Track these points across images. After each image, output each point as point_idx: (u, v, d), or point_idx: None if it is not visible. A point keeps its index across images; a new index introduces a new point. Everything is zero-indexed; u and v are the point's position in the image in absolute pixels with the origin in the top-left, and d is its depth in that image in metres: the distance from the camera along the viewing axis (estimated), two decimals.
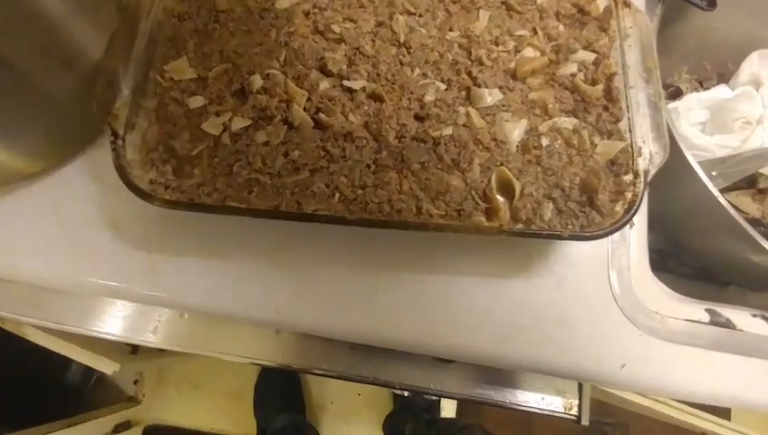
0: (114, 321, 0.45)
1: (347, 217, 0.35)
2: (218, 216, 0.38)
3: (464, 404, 1.20)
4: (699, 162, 0.46)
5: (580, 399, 0.43)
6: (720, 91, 0.67)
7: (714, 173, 0.56)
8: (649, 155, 0.37)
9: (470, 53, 0.41)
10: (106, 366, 0.67)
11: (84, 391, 1.12)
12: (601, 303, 0.41)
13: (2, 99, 0.36)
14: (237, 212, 0.35)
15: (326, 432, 1.17)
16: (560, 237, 0.35)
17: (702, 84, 0.74)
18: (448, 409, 1.17)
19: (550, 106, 0.40)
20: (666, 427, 1.03)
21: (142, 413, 1.20)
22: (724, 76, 0.71)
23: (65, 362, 0.99)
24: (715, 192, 0.44)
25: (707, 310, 0.43)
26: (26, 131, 0.40)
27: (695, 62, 0.73)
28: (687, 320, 0.42)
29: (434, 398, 1.13)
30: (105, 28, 0.41)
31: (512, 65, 0.41)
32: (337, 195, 0.37)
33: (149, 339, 0.44)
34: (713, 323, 0.42)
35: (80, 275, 0.41)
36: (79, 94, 0.40)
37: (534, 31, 0.43)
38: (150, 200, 0.34)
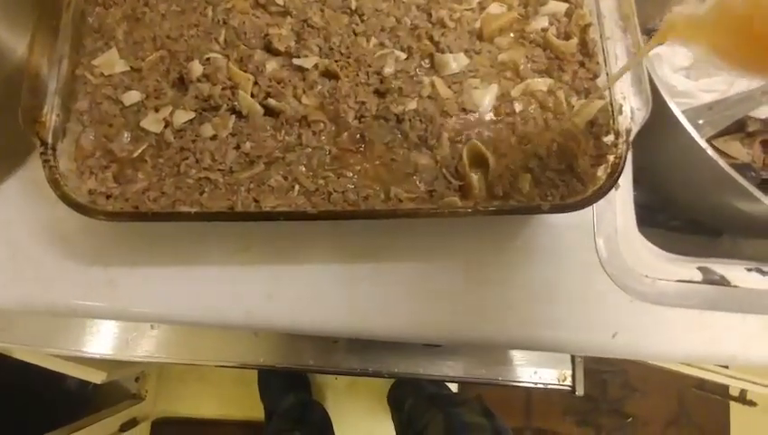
0: (86, 339, 0.42)
1: (308, 211, 0.32)
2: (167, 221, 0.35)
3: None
4: (685, 111, 0.43)
5: (573, 369, 0.42)
6: None
7: (700, 121, 0.53)
8: (631, 112, 0.34)
9: (430, 15, 0.37)
10: (92, 375, 0.65)
11: (86, 394, 1.12)
12: (589, 272, 0.39)
13: None
14: (188, 218, 0.32)
15: (332, 407, 1.18)
16: (540, 211, 0.32)
17: None
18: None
19: (521, 67, 0.36)
20: (664, 373, 1.05)
21: (148, 409, 1.21)
22: None
23: None
24: (703, 144, 0.41)
25: (699, 268, 0.41)
26: None
27: (676, 4, 0.69)
28: (679, 281, 0.41)
29: None
30: (22, 25, 0.36)
31: (477, 25, 0.37)
32: (297, 187, 0.34)
33: (125, 354, 0.42)
34: (706, 281, 0.41)
35: (34, 296, 0.38)
36: (3, 103, 0.36)
37: None
38: (91, 214, 0.31)
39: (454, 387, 1.18)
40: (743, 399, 0.78)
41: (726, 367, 0.82)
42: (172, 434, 1.24)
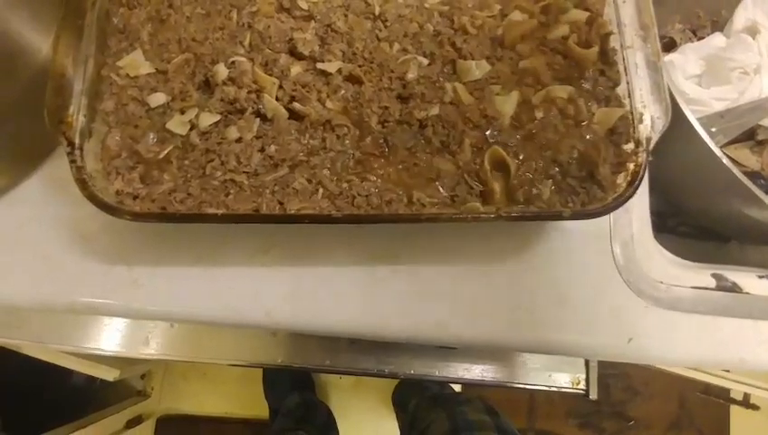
0: (104, 336, 0.43)
1: (333, 214, 0.33)
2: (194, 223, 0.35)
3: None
4: (698, 119, 0.43)
5: (587, 373, 0.43)
6: (715, 40, 0.64)
7: (713, 129, 0.54)
8: (651, 121, 0.35)
9: (452, 21, 0.38)
10: (105, 373, 0.66)
11: (92, 390, 1.13)
12: (605, 277, 0.39)
13: None
14: (215, 219, 0.33)
15: (336, 407, 1.18)
16: (561, 217, 0.32)
17: (696, 34, 0.70)
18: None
19: (542, 74, 0.37)
20: (666, 376, 1.06)
21: (153, 406, 1.21)
22: (718, 24, 0.68)
23: None
24: (718, 151, 0.42)
25: (713, 275, 0.42)
26: None
27: (687, 11, 0.69)
28: (693, 287, 0.41)
29: None
30: (47, 25, 0.37)
31: (499, 32, 0.38)
32: (321, 190, 0.34)
33: (142, 352, 0.42)
34: (719, 288, 0.41)
35: (57, 294, 0.38)
36: (29, 102, 0.37)
37: None
38: (118, 214, 0.32)
39: (457, 387, 1.19)
40: (746, 403, 0.79)
41: (728, 371, 0.82)
42: (176, 431, 1.24)
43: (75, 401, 1.09)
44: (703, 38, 0.67)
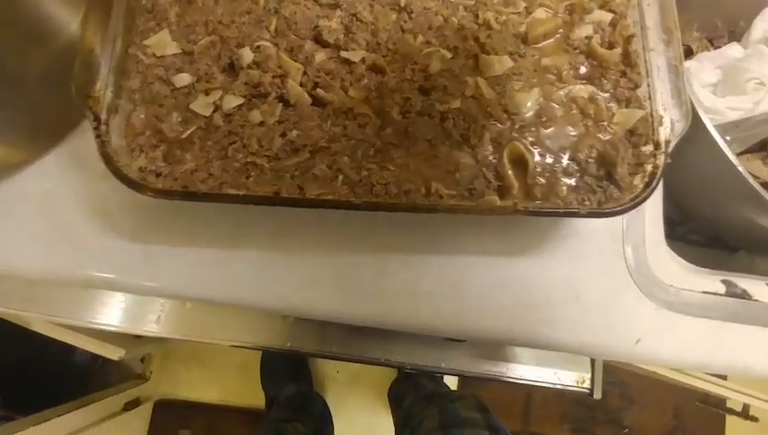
0: (115, 312, 0.43)
1: (353, 201, 0.33)
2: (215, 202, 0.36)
3: (466, 377, 1.22)
4: (714, 127, 0.43)
5: (592, 373, 0.43)
6: (732, 50, 0.64)
7: (728, 138, 0.54)
8: (671, 124, 0.35)
9: (477, 16, 0.38)
10: (111, 352, 0.66)
11: (92, 371, 1.13)
12: (616, 278, 0.40)
13: None
14: (236, 200, 0.33)
15: (332, 401, 1.19)
16: (578, 215, 0.33)
17: (712, 43, 0.70)
18: (450, 377, 1.19)
19: (564, 73, 0.37)
20: (662, 386, 1.06)
21: (151, 390, 1.22)
22: (735, 34, 0.68)
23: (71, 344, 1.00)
24: (734, 160, 0.42)
25: (723, 281, 0.42)
26: (2, 117, 0.37)
27: (705, 20, 0.70)
28: (703, 292, 0.41)
29: None
30: (76, 0, 0.37)
31: (522, 29, 0.38)
32: (340, 177, 0.34)
33: (152, 329, 0.42)
34: (729, 294, 0.41)
35: (73, 267, 0.39)
36: (55, 75, 0.37)
37: None
38: (142, 190, 0.32)
39: (453, 385, 1.19)
40: (745, 414, 0.79)
41: (725, 378, 0.82)
42: (173, 416, 1.25)
43: (75, 380, 1.10)
44: (719, 47, 0.67)
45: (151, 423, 1.23)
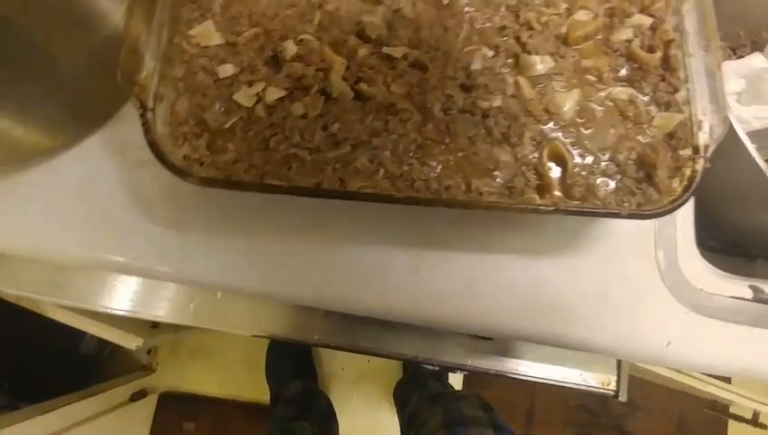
0: (148, 300, 0.43)
1: (395, 195, 0.33)
2: (251, 193, 0.36)
3: (471, 376, 1.22)
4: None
5: (618, 375, 0.43)
6: (755, 60, 0.64)
7: (755, 146, 0.54)
8: (710, 129, 0.35)
9: (518, 16, 0.38)
10: (129, 341, 0.66)
11: (100, 361, 1.14)
12: (647, 280, 0.40)
13: (14, 68, 0.33)
14: (279, 190, 0.33)
15: (337, 398, 1.19)
16: (618, 216, 0.33)
17: (735, 52, 0.71)
18: (455, 377, 1.19)
19: (604, 74, 0.37)
20: (668, 393, 1.06)
21: (157, 381, 1.22)
22: (758, 44, 0.68)
23: (79, 333, 1.00)
24: (765, 167, 0.42)
25: (751, 287, 0.42)
26: (42, 104, 0.37)
27: (728, 29, 0.70)
28: (731, 297, 0.42)
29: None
30: None
31: (563, 30, 0.38)
32: (381, 171, 0.35)
33: (187, 319, 0.43)
34: (756, 299, 0.42)
35: (109, 253, 0.39)
36: (98, 62, 0.37)
37: None
38: (187, 178, 0.32)
39: (457, 385, 1.19)
40: (754, 421, 0.79)
41: (729, 381, 0.82)
42: (177, 408, 1.25)
43: (82, 370, 1.10)
44: (742, 57, 0.67)
45: (155, 415, 1.23)
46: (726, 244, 0.63)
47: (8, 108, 0.35)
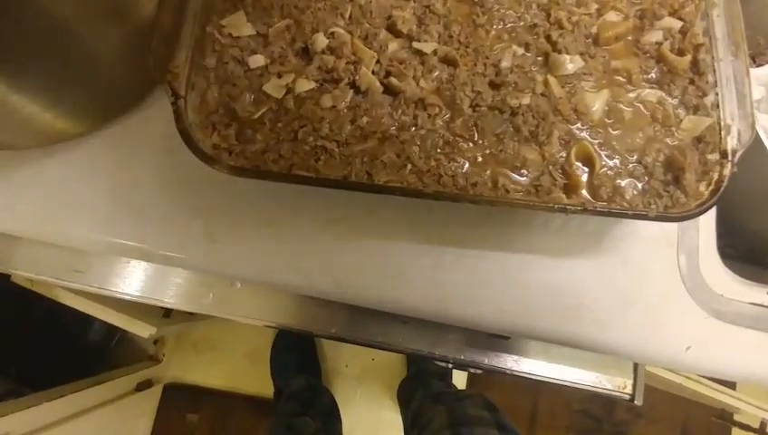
0: (167, 289, 0.44)
1: (422, 189, 0.33)
2: (277, 184, 0.36)
3: (474, 376, 1.22)
4: None
5: (635, 378, 0.43)
6: None
7: None
8: (738, 134, 0.35)
9: (549, 14, 0.38)
10: (142, 329, 0.66)
11: (107, 350, 1.14)
12: (669, 284, 0.40)
13: (45, 54, 0.34)
14: (307, 181, 0.33)
15: (340, 395, 1.19)
16: (646, 218, 0.33)
17: (755, 60, 0.70)
18: (459, 377, 1.19)
19: (633, 76, 0.37)
20: (671, 399, 1.05)
21: (162, 372, 1.22)
22: None
23: (88, 321, 1.00)
24: None
25: None
26: (72, 90, 0.37)
27: (748, 37, 0.69)
28: (751, 303, 0.41)
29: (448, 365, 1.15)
30: None
31: (593, 30, 0.38)
32: (409, 166, 0.35)
33: (203, 307, 0.43)
34: None
35: (131, 240, 0.39)
36: (127, 50, 0.38)
37: None
38: (216, 166, 0.33)
39: (461, 385, 1.19)
40: (762, 431, 0.79)
41: (733, 387, 0.81)
42: (182, 399, 1.25)
43: (89, 358, 1.10)
44: (762, 65, 0.67)
45: (160, 406, 1.23)
46: (743, 252, 0.62)
47: (39, 92, 0.35)
